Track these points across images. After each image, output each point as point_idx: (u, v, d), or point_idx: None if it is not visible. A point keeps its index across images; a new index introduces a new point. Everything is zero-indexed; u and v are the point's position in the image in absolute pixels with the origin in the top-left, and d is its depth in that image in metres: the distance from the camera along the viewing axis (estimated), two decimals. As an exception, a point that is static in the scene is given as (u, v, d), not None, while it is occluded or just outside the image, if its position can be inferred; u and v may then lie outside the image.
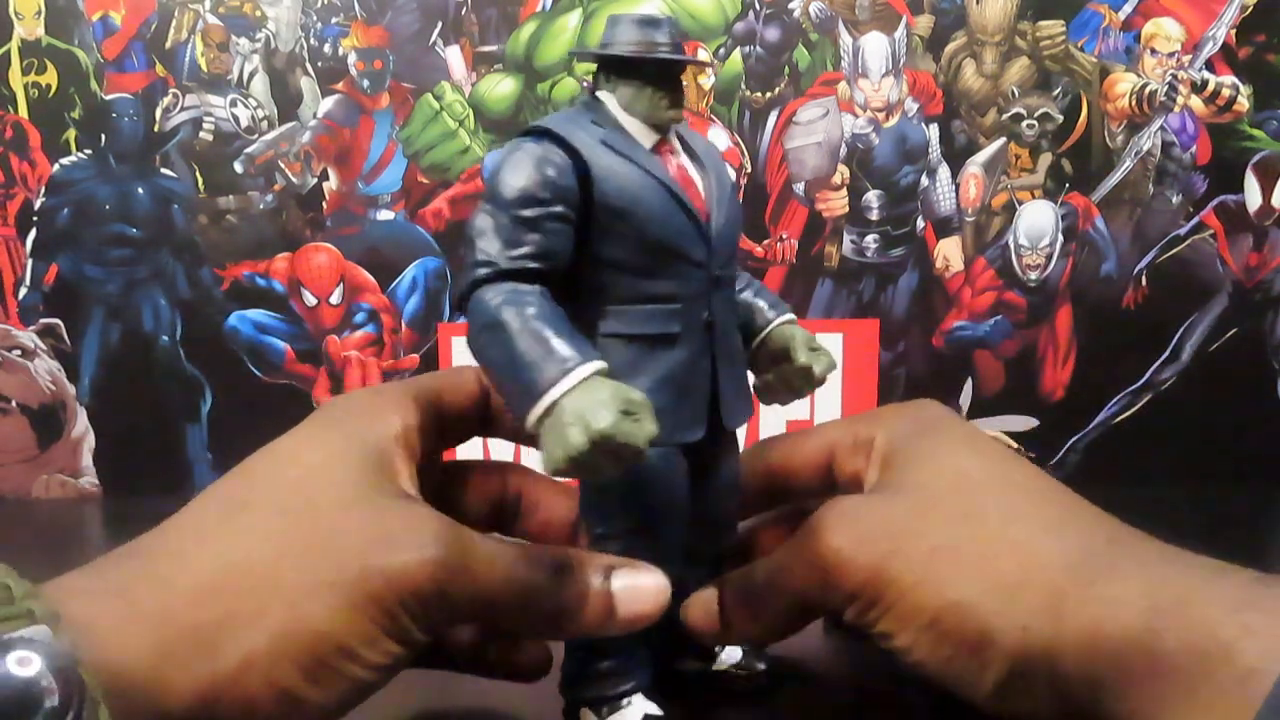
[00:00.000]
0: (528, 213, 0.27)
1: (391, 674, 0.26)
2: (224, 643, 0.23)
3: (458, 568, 0.25)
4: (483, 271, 0.27)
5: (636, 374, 0.28)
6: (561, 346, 0.25)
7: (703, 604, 0.32)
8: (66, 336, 0.70)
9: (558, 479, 0.31)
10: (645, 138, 0.29)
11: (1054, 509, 0.29)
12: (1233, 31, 0.68)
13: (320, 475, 0.27)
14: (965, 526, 0.28)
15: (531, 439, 0.30)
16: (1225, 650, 0.22)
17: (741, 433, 0.33)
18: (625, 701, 0.31)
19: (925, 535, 0.28)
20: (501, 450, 0.57)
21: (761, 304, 0.35)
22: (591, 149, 0.28)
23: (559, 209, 0.27)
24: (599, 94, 0.30)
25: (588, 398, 0.24)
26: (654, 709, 0.31)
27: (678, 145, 0.31)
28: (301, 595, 0.24)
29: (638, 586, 0.28)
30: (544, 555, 0.28)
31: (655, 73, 0.29)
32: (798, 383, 0.34)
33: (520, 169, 0.27)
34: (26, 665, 0.19)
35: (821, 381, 0.34)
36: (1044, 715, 0.26)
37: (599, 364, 0.25)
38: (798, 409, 0.39)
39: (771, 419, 0.65)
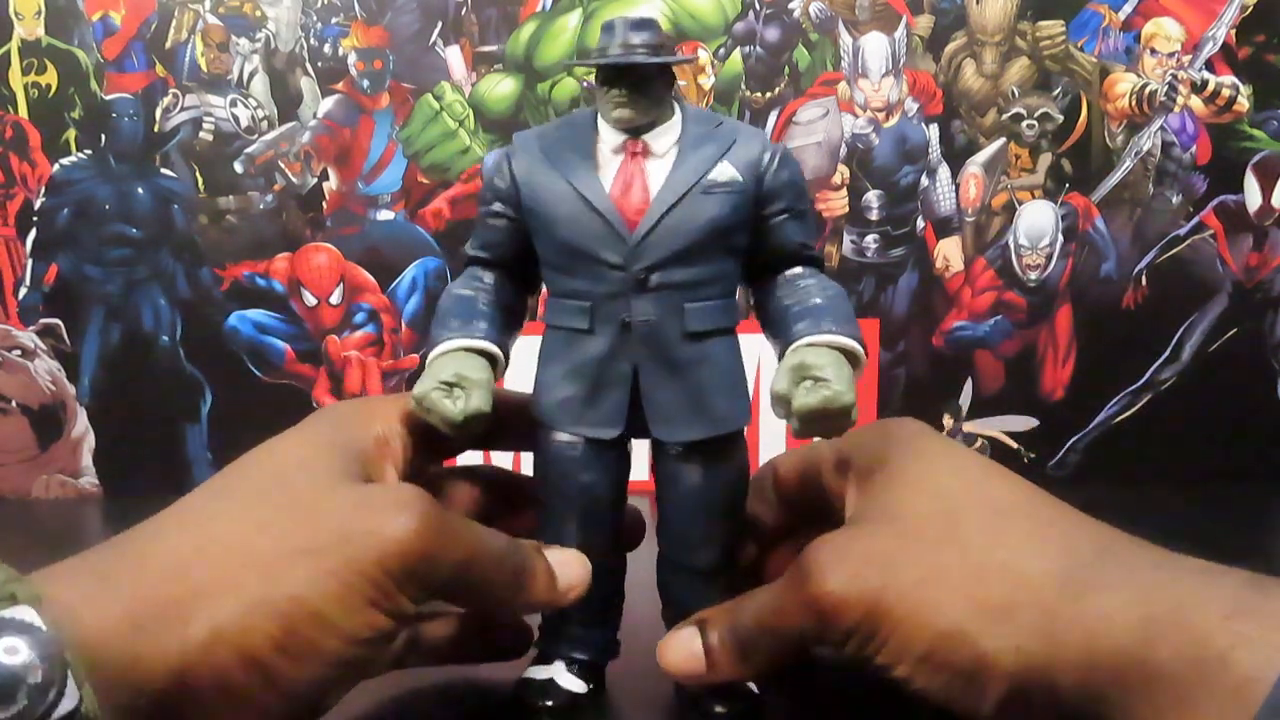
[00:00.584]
0: (481, 210, 0.32)
1: (374, 655, 0.26)
2: (195, 614, 0.23)
3: (442, 530, 0.26)
4: (464, 260, 0.33)
5: (554, 361, 0.31)
6: (449, 323, 0.30)
7: (683, 645, 0.31)
8: (66, 336, 0.69)
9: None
10: (612, 138, 0.30)
11: (1038, 524, 0.29)
12: (1233, 31, 0.68)
13: (300, 465, 0.28)
14: (951, 553, 0.28)
15: (525, 445, 0.33)
16: (1220, 659, 0.22)
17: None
18: (549, 661, 0.33)
19: (912, 566, 0.28)
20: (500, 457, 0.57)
21: (794, 321, 0.31)
22: (528, 156, 0.30)
23: (497, 207, 0.31)
24: None
25: (431, 366, 0.29)
26: (574, 684, 0.32)
27: (660, 145, 0.30)
28: (277, 564, 0.24)
29: (564, 558, 0.31)
30: (495, 530, 0.29)
31: (607, 75, 0.30)
32: (782, 412, 0.29)
33: (483, 176, 0.32)
34: (13, 653, 0.19)
35: (810, 417, 0.28)
36: None
37: (467, 341, 0.30)
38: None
39: (771, 425, 0.65)
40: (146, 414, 0.70)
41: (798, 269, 0.32)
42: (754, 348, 0.35)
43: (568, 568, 0.30)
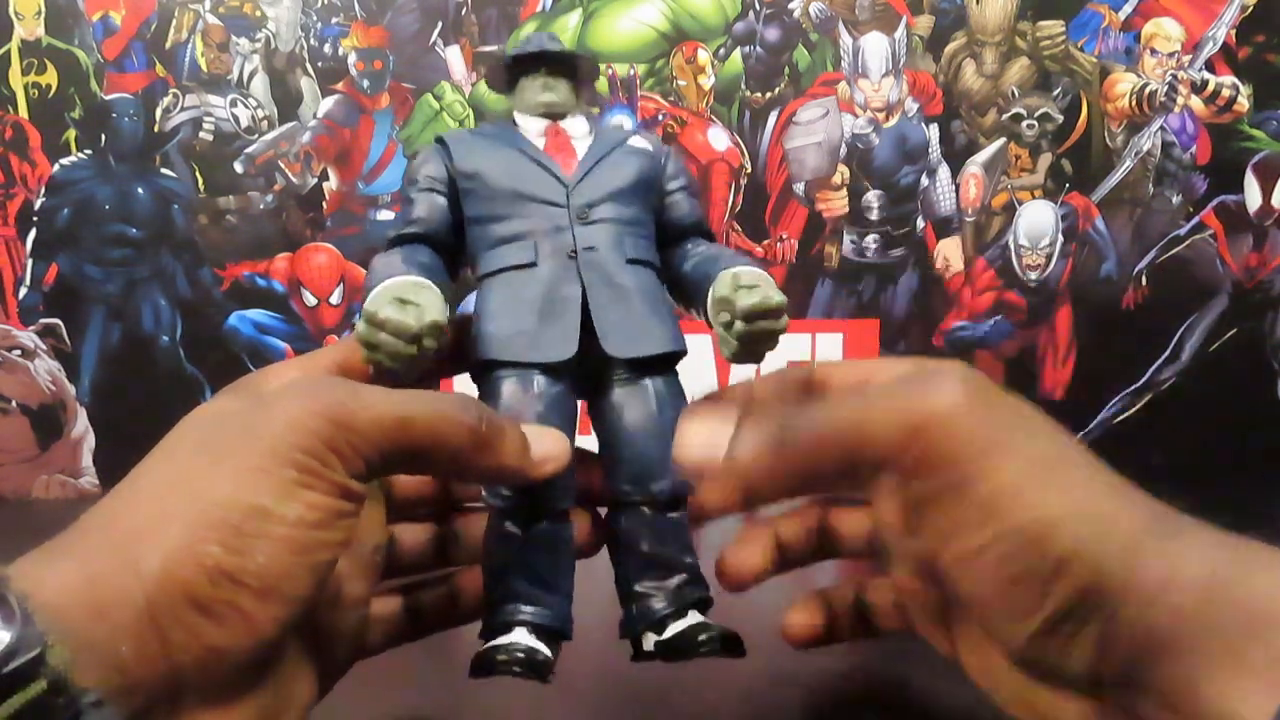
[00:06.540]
0: (409, 193, 0.33)
1: (334, 536, 0.26)
2: (142, 552, 0.24)
3: (351, 398, 0.26)
4: (387, 241, 0.33)
5: (498, 301, 0.32)
6: (389, 270, 0.30)
7: (706, 428, 0.28)
8: (66, 336, 0.70)
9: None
10: (534, 126, 0.34)
11: (1121, 481, 0.28)
12: (1233, 31, 0.68)
13: (217, 413, 0.28)
14: (1061, 450, 0.27)
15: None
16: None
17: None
18: (507, 630, 0.30)
19: (1026, 447, 0.27)
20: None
21: (713, 263, 0.33)
22: (461, 142, 0.33)
23: (428, 183, 0.33)
24: None
25: (375, 294, 0.29)
26: (539, 645, 0.30)
27: (575, 129, 0.34)
28: (200, 482, 0.25)
29: (539, 431, 0.29)
30: (454, 394, 0.29)
31: (531, 64, 0.34)
32: (726, 317, 0.31)
33: (410, 168, 0.34)
34: None
35: (752, 314, 0.30)
36: (1072, 669, 0.26)
37: (410, 278, 0.29)
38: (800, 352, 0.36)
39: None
40: (146, 414, 0.70)
41: (700, 240, 0.35)
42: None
43: (544, 438, 0.29)
